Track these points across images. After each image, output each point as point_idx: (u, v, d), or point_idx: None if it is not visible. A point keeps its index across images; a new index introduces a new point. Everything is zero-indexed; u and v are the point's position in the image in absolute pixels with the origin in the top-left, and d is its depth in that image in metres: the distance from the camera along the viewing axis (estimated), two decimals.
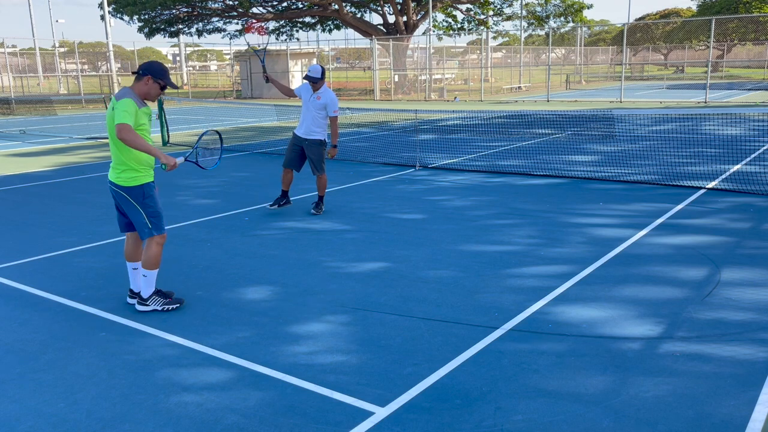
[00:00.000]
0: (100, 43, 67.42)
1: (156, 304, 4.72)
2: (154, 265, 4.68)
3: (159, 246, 4.67)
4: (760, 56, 57.75)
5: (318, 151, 7.64)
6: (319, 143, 7.62)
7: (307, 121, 7.56)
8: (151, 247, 4.65)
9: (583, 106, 24.54)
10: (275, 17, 39.75)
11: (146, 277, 4.69)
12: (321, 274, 5.53)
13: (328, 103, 7.46)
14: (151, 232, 4.62)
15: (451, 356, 3.93)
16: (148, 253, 4.67)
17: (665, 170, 10.08)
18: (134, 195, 4.54)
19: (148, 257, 4.66)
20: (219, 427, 3.24)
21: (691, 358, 3.83)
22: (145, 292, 4.71)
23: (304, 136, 7.61)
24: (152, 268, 4.68)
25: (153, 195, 4.62)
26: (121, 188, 4.54)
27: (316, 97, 7.47)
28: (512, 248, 6.17)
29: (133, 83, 4.52)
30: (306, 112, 7.59)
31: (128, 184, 4.53)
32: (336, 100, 7.56)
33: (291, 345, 4.15)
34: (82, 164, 12.44)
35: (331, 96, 7.51)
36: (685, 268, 5.44)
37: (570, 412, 3.29)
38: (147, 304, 4.71)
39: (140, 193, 4.55)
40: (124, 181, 4.52)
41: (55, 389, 3.66)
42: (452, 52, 59.62)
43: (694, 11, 63.38)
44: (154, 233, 4.63)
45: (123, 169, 4.50)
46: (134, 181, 4.53)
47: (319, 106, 7.47)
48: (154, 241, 4.65)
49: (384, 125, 18.98)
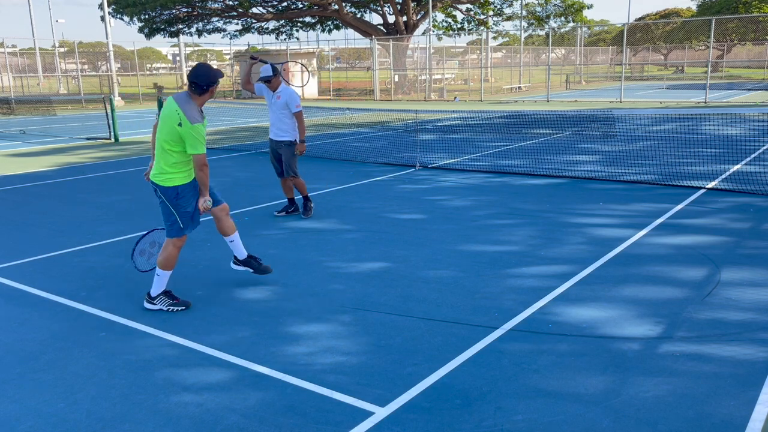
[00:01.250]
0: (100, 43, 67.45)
1: (162, 304, 4.76)
2: (169, 266, 4.77)
3: (177, 249, 4.79)
4: (760, 56, 57.75)
5: (288, 152, 7.36)
6: (289, 144, 7.36)
7: (274, 122, 7.38)
8: (169, 246, 4.76)
9: (583, 106, 24.54)
10: (275, 17, 39.75)
11: (159, 276, 4.76)
12: (321, 274, 5.53)
13: (288, 100, 7.22)
14: (179, 233, 4.75)
15: (451, 356, 3.93)
16: (165, 251, 4.78)
17: (665, 170, 10.08)
18: (169, 195, 4.67)
19: (165, 257, 4.77)
20: (219, 427, 3.24)
21: (691, 358, 3.83)
22: (154, 290, 4.78)
23: (274, 138, 7.41)
24: (167, 269, 4.76)
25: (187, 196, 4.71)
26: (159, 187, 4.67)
27: (276, 96, 7.26)
28: (512, 248, 6.17)
29: (194, 95, 4.59)
30: (271, 114, 7.41)
31: (165, 184, 4.66)
32: (296, 96, 7.29)
33: (291, 345, 4.15)
34: (82, 164, 12.44)
35: (289, 93, 7.25)
36: (685, 268, 5.44)
37: (570, 412, 3.29)
38: (154, 303, 4.77)
39: (174, 194, 4.66)
40: (162, 181, 4.66)
41: (55, 389, 3.66)
42: (452, 52, 59.62)
43: (694, 11, 63.41)
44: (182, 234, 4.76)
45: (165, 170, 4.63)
46: (171, 182, 4.64)
47: (281, 106, 7.26)
48: (172, 243, 4.76)
49: (384, 125, 18.98)
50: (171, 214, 4.71)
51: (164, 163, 4.61)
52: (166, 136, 4.56)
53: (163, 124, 4.59)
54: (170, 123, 4.53)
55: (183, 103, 4.56)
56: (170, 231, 4.76)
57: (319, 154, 12.66)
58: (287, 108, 7.27)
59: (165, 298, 4.78)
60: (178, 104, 4.55)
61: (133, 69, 47.95)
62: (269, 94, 7.33)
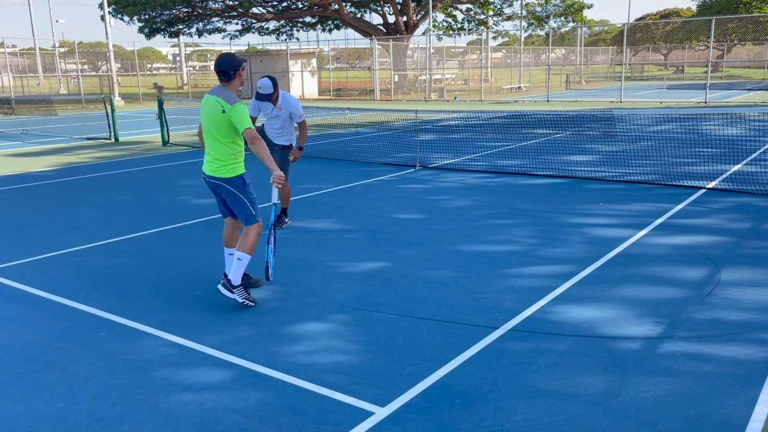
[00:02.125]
0: (100, 43, 67.43)
1: (239, 296, 4.77)
2: (251, 251, 4.79)
3: (258, 233, 4.83)
4: (760, 56, 57.75)
5: (282, 156, 7.07)
6: (283, 148, 7.13)
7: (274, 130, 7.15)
8: (251, 233, 4.80)
9: (583, 106, 24.54)
10: (275, 17, 39.75)
11: (240, 261, 4.75)
12: (321, 274, 5.53)
13: (292, 111, 7.03)
14: (256, 218, 4.82)
15: (451, 356, 3.93)
16: (248, 238, 4.79)
17: (665, 170, 10.08)
18: (236, 185, 4.79)
19: (248, 242, 4.79)
20: (219, 427, 3.24)
21: (691, 358, 3.83)
22: (235, 278, 4.75)
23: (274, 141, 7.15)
24: (249, 253, 4.78)
25: (250, 183, 4.87)
26: (221, 180, 4.79)
27: (278, 108, 7.00)
28: (512, 248, 6.17)
29: (225, 84, 4.75)
30: (273, 124, 7.13)
31: (228, 175, 4.78)
32: (298, 105, 7.10)
33: (291, 345, 4.15)
34: (82, 164, 12.44)
35: (291, 102, 7.04)
36: (685, 268, 5.44)
37: (570, 412, 3.29)
38: (233, 292, 4.76)
39: (241, 182, 4.79)
40: (225, 173, 4.77)
41: (55, 389, 3.66)
42: (452, 52, 59.62)
43: (694, 11, 63.39)
44: (259, 219, 4.84)
45: (225, 163, 4.77)
46: (234, 172, 4.79)
47: (285, 117, 7.05)
48: (254, 229, 4.81)
49: (384, 125, 18.98)
50: (243, 202, 4.81)
51: (222, 156, 4.76)
52: (217, 129, 4.71)
53: (209, 119, 4.74)
54: (215, 114, 4.69)
55: (219, 92, 4.73)
56: (248, 220, 4.83)
57: (319, 154, 12.67)
58: (290, 118, 7.08)
59: (244, 290, 4.79)
60: (215, 96, 4.73)
61: (133, 69, 47.98)
62: (269, 107, 7.01)
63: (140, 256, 6.17)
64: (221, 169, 4.80)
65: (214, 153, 4.82)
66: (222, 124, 4.69)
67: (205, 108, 4.80)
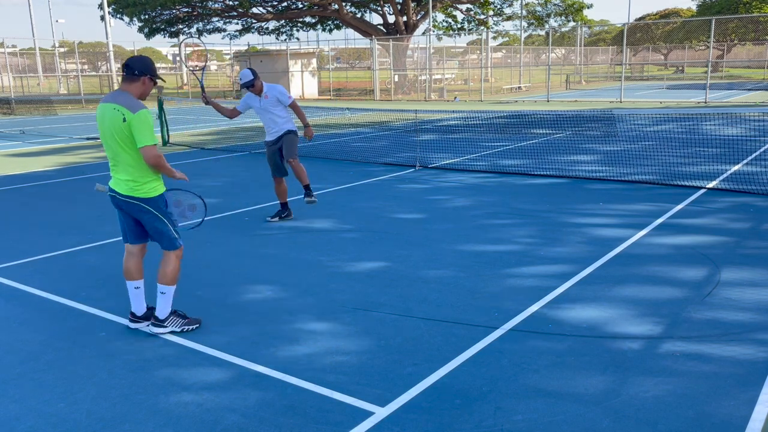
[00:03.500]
0: (100, 43, 67.42)
1: (174, 325, 4.37)
2: (174, 281, 4.37)
3: (179, 259, 4.38)
4: (760, 56, 57.74)
5: (290, 138, 7.22)
6: (289, 132, 7.24)
7: (268, 124, 7.24)
8: (172, 260, 4.33)
9: (583, 106, 24.54)
10: (275, 17, 39.76)
11: (164, 294, 4.33)
12: (321, 274, 5.53)
13: (278, 95, 7.08)
14: (178, 242, 4.34)
15: (451, 356, 3.93)
16: (169, 266, 4.32)
17: (665, 170, 10.08)
18: (157, 206, 4.24)
19: (169, 272, 4.32)
20: (219, 427, 3.24)
21: (691, 358, 3.83)
22: (162, 311, 4.35)
23: (272, 138, 7.29)
24: (173, 284, 4.36)
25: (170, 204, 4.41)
26: (141, 200, 4.18)
27: (264, 96, 7.09)
28: (512, 248, 6.17)
29: (126, 84, 4.14)
30: (263, 117, 7.24)
31: (150, 195, 4.20)
32: (283, 89, 7.16)
33: (291, 345, 4.15)
34: (82, 164, 12.44)
35: (276, 88, 7.10)
36: (685, 268, 5.44)
37: (570, 412, 3.29)
38: (164, 326, 4.35)
39: (162, 203, 4.28)
40: (146, 193, 4.18)
41: (55, 389, 3.66)
42: (452, 52, 59.60)
43: (694, 11, 63.39)
44: (180, 243, 4.36)
45: (143, 181, 4.16)
46: (155, 191, 4.23)
47: (272, 103, 7.11)
48: (174, 255, 4.35)
49: (384, 125, 18.98)
50: (164, 225, 4.27)
51: (137, 173, 4.13)
52: (124, 141, 4.05)
53: (111, 132, 4.06)
54: (116, 125, 4.03)
55: (117, 98, 4.08)
56: (168, 244, 4.32)
57: (319, 154, 12.66)
58: (279, 104, 7.13)
59: (176, 318, 4.38)
60: (112, 102, 4.07)
61: None
62: (255, 99, 7.13)
63: None
64: (139, 189, 4.16)
65: (126, 170, 4.13)
66: (127, 135, 4.03)
67: (103, 119, 4.10)
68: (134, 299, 4.44)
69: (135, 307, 4.46)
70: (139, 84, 4.16)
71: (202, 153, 13.58)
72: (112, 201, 4.29)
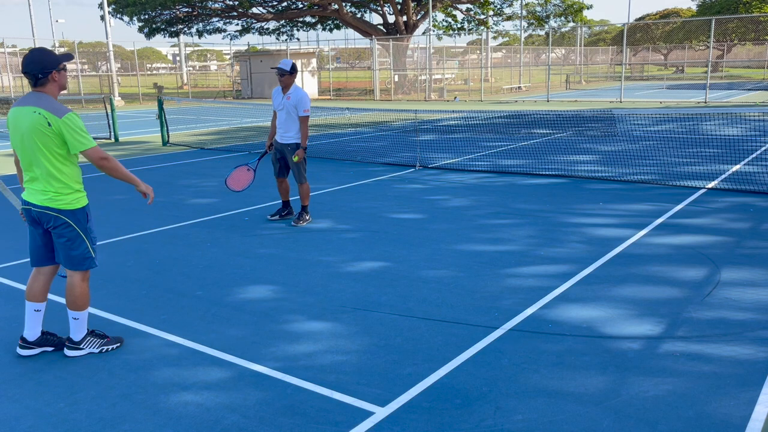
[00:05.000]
0: (100, 43, 67.42)
1: (92, 347, 4.06)
2: (86, 304, 4.04)
3: (87, 282, 4.04)
4: (760, 56, 57.75)
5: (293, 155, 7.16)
6: (296, 147, 7.18)
7: (281, 124, 7.20)
8: (80, 283, 3.98)
9: (583, 106, 24.54)
10: (275, 17, 39.75)
11: (77, 320, 4.00)
12: (321, 274, 5.53)
13: (297, 103, 7.04)
14: (94, 262, 4.00)
15: (451, 356, 3.93)
16: (76, 291, 3.96)
17: (665, 170, 10.08)
18: (78, 219, 3.90)
19: (78, 296, 3.97)
20: (219, 427, 3.24)
21: (691, 358, 3.83)
22: (77, 334, 4.03)
23: (280, 140, 7.26)
24: (85, 308, 4.03)
25: (92, 218, 4.05)
26: (61, 212, 3.83)
27: (287, 97, 7.08)
28: (512, 248, 6.17)
29: (39, 87, 3.77)
30: (280, 116, 7.20)
31: (71, 207, 3.86)
32: (306, 99, 7.10)
33: (291, 345, 4.15)
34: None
35: (300, 94, 7.06)
36: (685, 268, 5.44)
37: (570, 412, 3.29)
38: (81, 348, 4.04)
39: (84, 217, 3.94)
40: (67, 204, 3.84)
41: (55, 389, 3.66)
42: (452, 52, 59.61)
43: (694, 11, 63.40)
44: (96, 263, 4.03)
45: (64, 192, 3.84)
46: (78, 203, 3.91)
47: (290, 106, 7.09)
48: (80, 276, 3.98)
49: (384, 125, 18.98)
50: (82, 242, 3.91)
51: (56, 182, 3.80)
52: (47, 147, 3.72)
53: (32, 137, 3.71)
54: (39, 129, 3.69)
55: (36, 101, 3.73)
56: (81, 263, 3.94)
57: (319, 154, 12.66)
58: (295, 110, 7.08)
59: (93, 338, 4.07)
60: (32, 105, 3.72)
61: (133, 69, 47.95)
62: (279, 95, 7.15)
63: (140, 256, 6.17)
64: (59, 200, 3.81)
65: (46, 179, 3.78)
66: (51, 140, 3.70)
67: (20, 123, 3.73)
68: (30, 322, 4.04)
69: (28, 332, 4.06)
70: (51, 82, 3.79)
71: (202, 153, 13.58)
72: (27, 215, 3.92)
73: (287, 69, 7.01)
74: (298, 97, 7.07)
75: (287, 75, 7.04)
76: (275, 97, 7.27)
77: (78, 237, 3.90)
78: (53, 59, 3.75)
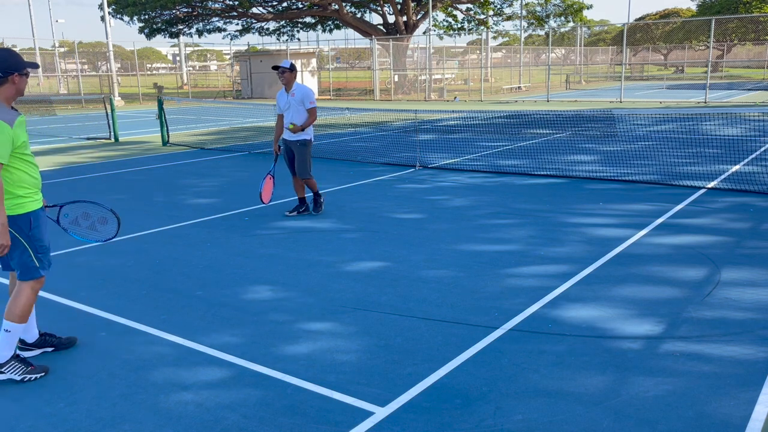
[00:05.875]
0: (100, 43, 67.44)
1: (15, 373, 3.69)
2: (24, 318, 3.70)
3: (36, 293, 3.77)
4: (760, 56, 57.75)
5: (302, 152, 7.44)
6: (302, 144, 7.41)
7: (289, 121, 7.36)
8: (26, 292, 3.71)
9: (583, 106, 24.54)
10: (275, 17, 39.75)
11: (9, 333, 3.66)
12: (321, 274, 5.53)
13: (304, 97, 7.29)
14: (38, 272, 3.74)
15: (451, 356, 3.93)
16: (20, 300, 3.69)
17: (665, 170, 10.08)
18: (19, 226, 3.65)
19: (20, 306, 3.68)
20: (219, 427, 3.24)
21: (691, 358, 3.83)
22: (2, 354, 3.67)
23: (288, 138, 7.46)
24: (21, 321, 3.69)
25: (40, 225, 3.76)
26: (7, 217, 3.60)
27: (291, 95, 7.32)
28: (512, 248, 6.17)
29: None
30: (288, 115, 7.40)
31: (12, 213, 3.60)
32: (311, 93, 7.37)
33: (291, 345, 4.15)
34: (82, 164, 12.44)
35: (305, 89, 7.34)
36: (685, 268, 5.44)
37: (570, 412, 3.29)
38: (2, 371, 3.68)
39: (26, 223, 3.67)
40: (9, 209, 3.60)
41: (55, 389, 3.66)
42: (452, 52, 59.61)
43: (694, 11, 63.41)
44: (41, 273, 3.76)
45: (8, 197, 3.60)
46: (20, 209, 3.64)
47: (297, 102, 7.31)
48: (29, 286, 3.73)
49: (384, 125, 18.98)
50: (24, 249, 3.67)
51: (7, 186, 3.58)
52: None
53: None
54: None
55: None
56: (25, 272, 3.70)
57: (319, 154, 12.66)
58: (302, 104, 7.32)
59: (17, 363, 3.71)
60: None
61: (133, 69, 47.94)
62: (284, 96, 7.40)
63: (140, 256, 6.17)
64: None
65: None
66: None
67: None
68: None
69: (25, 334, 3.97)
70: (9, 85, 3.62)
71: (202, 153, 13.57)
72: None
73: (285, 66, 7.28)
74: (303, 92, 7.34)
75: (287, 71, 7.29)
76: (280, 98, 7.49)
77: (20, 245, 3.67)
78: (19, 62, 3.64)
